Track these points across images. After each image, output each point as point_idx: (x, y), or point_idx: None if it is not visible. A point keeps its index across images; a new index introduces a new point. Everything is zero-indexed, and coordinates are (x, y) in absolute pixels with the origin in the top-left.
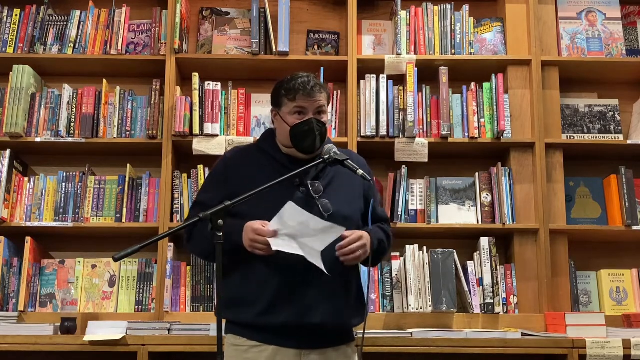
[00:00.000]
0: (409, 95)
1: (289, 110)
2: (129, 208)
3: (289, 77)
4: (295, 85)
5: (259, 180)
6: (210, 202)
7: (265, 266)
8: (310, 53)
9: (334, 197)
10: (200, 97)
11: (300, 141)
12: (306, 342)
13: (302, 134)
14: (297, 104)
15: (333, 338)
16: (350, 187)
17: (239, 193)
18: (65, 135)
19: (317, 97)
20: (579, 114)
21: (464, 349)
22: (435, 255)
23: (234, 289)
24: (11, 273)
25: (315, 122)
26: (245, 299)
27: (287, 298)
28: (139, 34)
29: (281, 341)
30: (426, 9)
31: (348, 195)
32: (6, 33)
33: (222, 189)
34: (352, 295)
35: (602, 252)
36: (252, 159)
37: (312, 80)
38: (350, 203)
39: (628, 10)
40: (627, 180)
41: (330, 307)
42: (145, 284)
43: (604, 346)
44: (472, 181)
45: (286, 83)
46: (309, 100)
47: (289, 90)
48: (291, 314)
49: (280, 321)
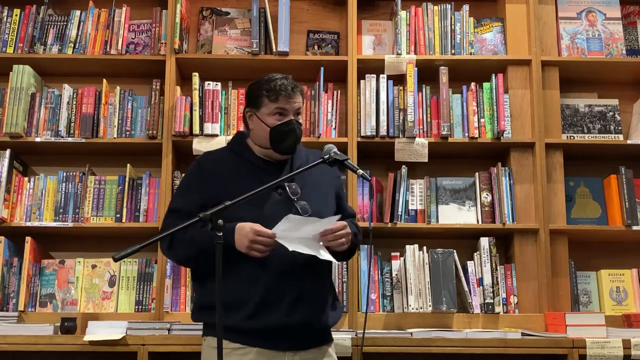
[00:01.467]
0: (409, 95)
1: (269, 111)
2: (129, 208)
3: (267, 78)
4: (277, 86)
5: (235, 183)
6: (187, 209)
7: (248, 270)
8: (310, 53)
9: (310, 198)
10: (200, 97)
11: (280, 142)
12: (290, 343)
13: (283, 135)
14: (279, 105)
15: (316, 338)
16: (324, 187)
17: (216, 197)
18: (65, 135)
19: (297, 98)
20: (579, 114)
21: (464, 349)
22: (435, 255)
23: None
24: (11, 273)
25: (296, 123)
26: (229, 303)
27: (271, 301)
28: (139, 34)
29: (265, 343)
30: (426, 9)
31: (323, 195)
32: (6, 33)
33: (198, 194)
34: (328, 294)
35: (602, 252)
36: (226, 162)
37: (291, 82)
38: (326, 203)
39: (628, 10)
40: (627, 180)
41: (313, 308)
42: (145, 284)
43: (604, 346)
44: (472, 181)
45: (265, 84)
46: (290, 102)
47: (270, 91)
48: (276, 316)
49: (265, 324)
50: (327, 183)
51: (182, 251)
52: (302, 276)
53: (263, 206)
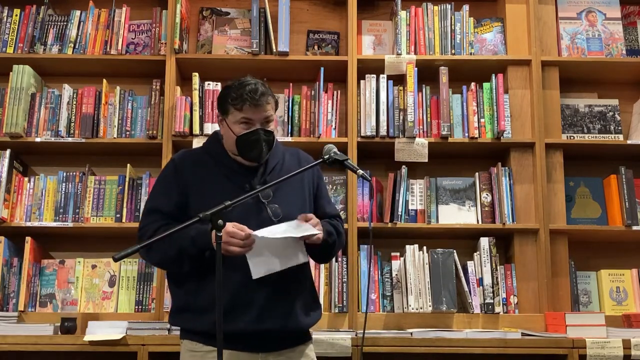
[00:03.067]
0: (409, 95)
1: (235, 119)
2: (129, 208)
3: (237, 84)
4: (243, 94)
5: (210, 183)
6: (166, 207)
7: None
8: (310, 53)
9: (283, 201)
10: (200, 97)
11: (246, 151)
12: (263, 345)
13: (249, 144)
14: (244, 114)
15: (290, 340)
16: (299, 189)
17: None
18: (65, 135)
19: (265, 107)
20: (579, 114)
21: (464, 349)
22: (435, 255)
23: (187, 297)
24: (11, 273)
25: (262, 133)
26: (200, 307)
27: (242, 305)
28: (139, 34)
29: (237, 346)
30: (426, 9)
31: (297, 197)
32: (6, 33)
33: (173, 192)
34: (306, 295)
35: (602, 252)
36: (200, 163)
37: (259, 89)
38: (300, 206)
39: (628, 10)
40: (627, 180)
41: (285, 311)
42: (145, 284)
43: (604, 346)
44: (472, 181)
45: (233, 91)
46: (256, 111)
47: (235, 100)
48: (247, 320)
49: (237, 328)
50: (303, 185)
51: (161, 253)
52: (274, 279)
53: (233, 209)
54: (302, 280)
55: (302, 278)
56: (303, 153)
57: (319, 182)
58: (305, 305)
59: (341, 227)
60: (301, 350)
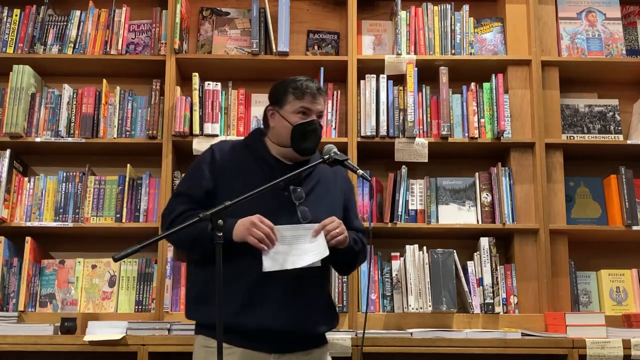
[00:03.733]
0: (409, 95)
1: (293, 109)
2: (129, 208)
3: (294, 78)
4: (304, 85)
5: (243, 177)
6: (195, 193)
7: (236, 269)
8: (310, 53)
9: (314, 204)
10: (200, 97)
11: (301, 141)
12: (276, 346)
13: (305, 134)
14: (304, 104)
15: (303, 342)
16: (332, 194)
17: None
18: (65, 135)
19: (321, 101)
20: (579, 114)
21: (464, 349)
22: (435, 255)
23: (202, 287)
24: (11, 273)
25: (318, 125)
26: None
27: (255, 302)
28: (139, 34)
29: (250, 344)
30: (426, 9)
31: (329, 203)
32: (6, 33)
33: (204, 179)
34: (324, 300)
35: (602, 252)
36: (238, 155)
37: (318, 85)
38: (329, 212)
39: (628, 10)
40: (627, 180)
41: (300, 312)
42: (145, 284)
43: (604, 346)
44: (472, 181)
45: (292, 82)
46: (314, 103)
47: (297, 89)
48: (259, 318)
49: (249, 325)
50: (336, 193)
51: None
52: (292, 279)
53: (264, 207)
54: (322, 284)
55: (323, 282)
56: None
57: (350, 195)
58: (323, 310)
59: (365, 242)
60: (315, 355)
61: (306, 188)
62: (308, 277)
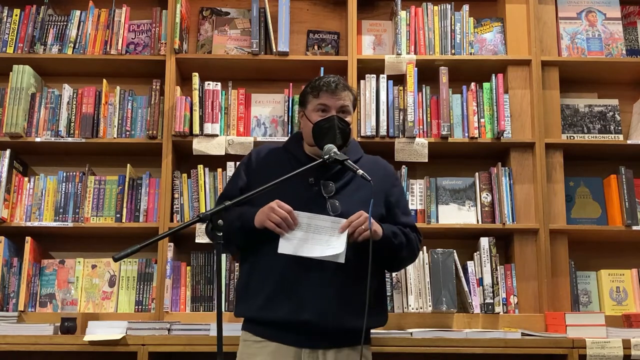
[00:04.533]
0: (409, 95)
1: (313, 107)
2: (129, 208)
3: (316, 78)
4: (321, 83)
5: (274, 174)
6: (231, 193)
7: (268, 259)
8: (310, 53)
9: (345, 199)
10: (200, 97)
11: (321, 138)
12: (304, 340)
13: (323, 131)
14: (321, 101)
15: (335, 339)
16: (367, 189)
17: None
18: (65, 135)
19: (341, 95)
20: (579, 114)
21: (464, 349)
22: (435, 255)
23: (242, 280)
24: (11, 273)
25: (337, 120)
26: (250, 292)
27: (284, 293)
28: (139, 34)
29: (281, 338)
30: (426, 9)
31: (362, 198)
32: (6, 33)
33: (241, 179)
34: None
35: (602, 252)
36: (275, 157)
37: (337, 80)
38: (361, 206)
39: (628, 10)
40: (627, 180)
41: (325, 306)
42: (145, 284)
43: (604, 346)
44: (472, 181)
45: (312, 82)
46: (332, 98)
47: (314, 88)
48: (287, 309)
49: (276, 316)
50: (375, 189)
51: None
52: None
53: (294, 199)
54: (361, 278)
55: (363, 277)
56: (382, 161)
57: (394, 191)
58: (358, 306)
59: (415, 237)
60: (347, 354)
61: (338, 183)
62: (344, 271)
